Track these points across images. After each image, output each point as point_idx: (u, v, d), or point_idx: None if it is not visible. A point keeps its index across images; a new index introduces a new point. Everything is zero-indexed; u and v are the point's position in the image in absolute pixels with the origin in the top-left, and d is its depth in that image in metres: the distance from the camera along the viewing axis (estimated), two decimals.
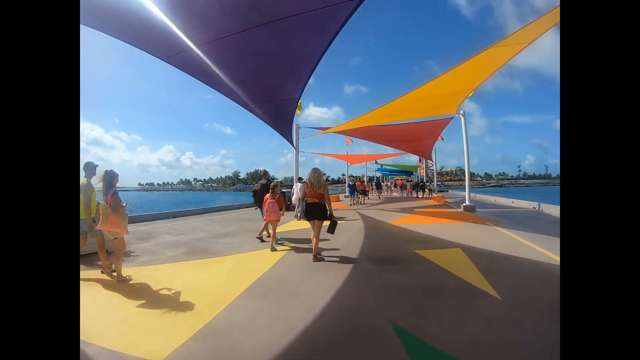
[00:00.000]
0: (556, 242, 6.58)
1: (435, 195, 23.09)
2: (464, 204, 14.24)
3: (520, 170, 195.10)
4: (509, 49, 6.18)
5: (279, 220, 6.80)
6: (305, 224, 7.51)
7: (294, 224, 10.04)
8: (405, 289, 3.99)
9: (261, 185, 8.16)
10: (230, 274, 4.81)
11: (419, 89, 7.68)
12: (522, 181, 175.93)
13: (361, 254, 5.92)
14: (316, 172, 5.60)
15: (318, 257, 5.46)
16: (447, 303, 3.56)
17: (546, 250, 5.82)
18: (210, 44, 5.71)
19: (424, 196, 27.75)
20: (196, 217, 12.90)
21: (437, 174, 35.89)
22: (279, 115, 9.87)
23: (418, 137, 18.32)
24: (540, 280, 4.24)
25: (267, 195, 6.85)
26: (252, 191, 8.58)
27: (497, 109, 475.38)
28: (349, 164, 29.70)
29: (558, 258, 5.25)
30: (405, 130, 16.11)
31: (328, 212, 5.51)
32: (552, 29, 5.73)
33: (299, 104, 15.19)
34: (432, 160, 33.55)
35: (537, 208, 14.27)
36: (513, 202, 17.82)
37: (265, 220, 6.96)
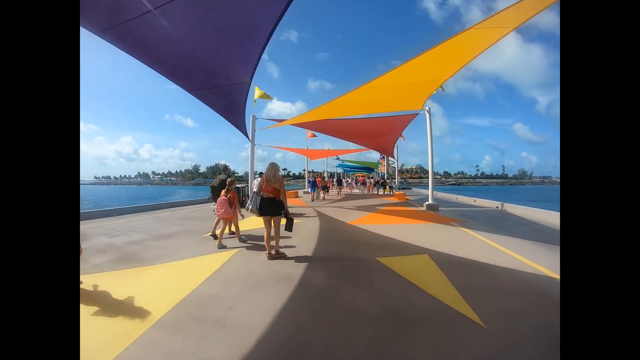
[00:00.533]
0: (530, 246, 6.10)
1: (397, 193, 22.54)
2: (427, 203, 13.67)
3: (478, 170, 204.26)
4: (482, 36, 5.47)
5: (231, 217, 6.53)
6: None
7: (253, 221, 9.26)
8: (366, 316, 3.15)
9: (220, 181, 7.98)
10: (152, 291, 3.82)
11: (384, 76, 6.89)
12: (480, 180, 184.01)
13: (314, 263, 5.02)
14: (273, 166, 5.45)
15: (280, 254, 5.42)
16: (419, 336, 2.77)
17: (522, 257, 5.25)
18: (144, 16, 4.71)
19: (385, 193, 27.14)
20: (144, 214, 11.60)
21: (398, 171, 35.89)
22: (230, 103, 8.82)
23: (381, 133, 17.59)
24: (526, 299, 3.57)
25: (222, 191, 6.65)
26: (210, 187, 8.25)
27: (458, 110, 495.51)
28: (309, 159, 28.80)
29: (537, 266, 4.72)
30: (368, 125, 15.29)
31: (283, 208, 5.34)
32: (512, 33, 5.40)
33: (262, 93, 14.26)
34: (393, 158, 33.02)
35: (500, 208, 14.01)
36: (475, 200, 17.64)
37: (217, 216, 6.64)
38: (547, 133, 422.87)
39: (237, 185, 12.70)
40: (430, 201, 13.71)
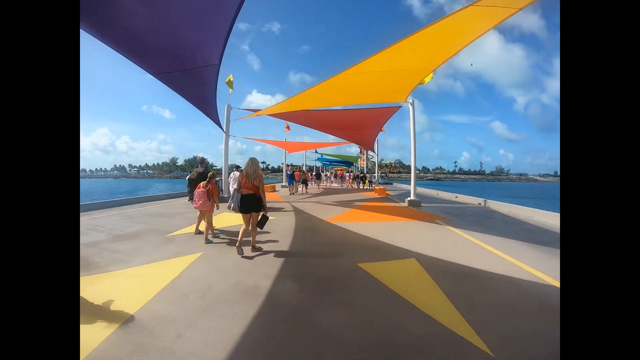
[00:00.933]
0: (523, 249, 5.67)
1: (377, 188, 21.85)
2: (409, 199, 13.17)
3: (456, 166, 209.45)
4: (483, 15, 4.84)
5: (209, 210, 6.30)
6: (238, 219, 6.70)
7: (226, 218, 8.77)
8: (348, 346, 2.53)
9: (197, 174, 7.74)
10: (90, 312, 3.07)
11: (368, 60, 6.22)
12: (458, 176, 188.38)
13: (286, 270, 4.36)
14: (253, 162, 5.39)
15: (257, 248, 5.46)
16: None
17: (519, 262, 4.78)
18: None
19: (365, 188, 26.64)
20: (110, 210, 10.53)
21: (378, 165, 35.26)
22: (199, 88, 8.09)
23: (362, 126, 16.93)
24: (535, 316, 3.06)
25: (201, 184, 6.39)
26: (187, 180, 7.99)
27: (438, 107, 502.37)
28: (287, 152, 27.84)
29: (538, 274, 4.24)
30: (349, 117, 14.66)
31: (262, 205, 5.30)
32: (495, 33, 4.86)
33: (229, 79, 13.42)
34: (374, 152, 32.00)
35: (483, 204, 13.64)
36: (457, 197, 17.30)
37: (195, 208, 6.40)
38: (524, 131, 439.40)
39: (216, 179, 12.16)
40: (412, 197, 13.18)
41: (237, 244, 5.19)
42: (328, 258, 5.05)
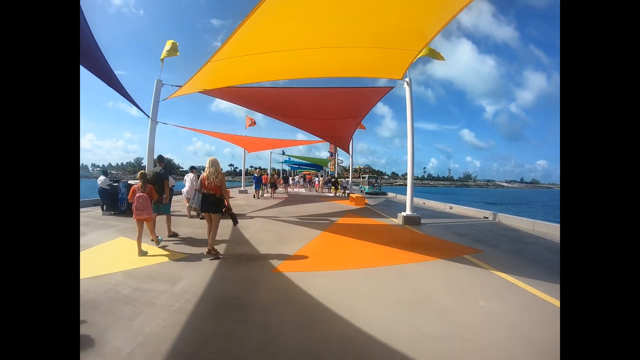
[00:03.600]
0: None
1: (353, 196, 18.02)
2: (405, 214, 9.73)
3: (425, 172, 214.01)
4: None
5: (149, 218, 5.67)
6: None
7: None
8: None
9: (154, 174, 6.79)
10: None
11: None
12: (427, 182, 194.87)
13: None
14: (213, 162, 5.41)
15: (213, 253, 5.43)
16: None
17: None
18: None
19: (337, 195, 23.30)
20: None
21: (346, 170, 31.10)
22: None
23: (340, 114, 13.13)
24: None
25: (135, 186, 5.62)
26: None
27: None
28: (246, 151, 24.08)
29: None
30: (326, 101, 11.26)
31: (225, 205, 5.47)
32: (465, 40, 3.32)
33: (170, 46, 10.15)
34: (348, 153, 27.24)
35: (491, 218, 10.96)
36: (451, 207, 14.44)
37: (136, 219, 5.53)
38: (491, 140, 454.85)
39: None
40: (408, 212, 9.79)
41: (207, 250, 5.49)
42: None
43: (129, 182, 10.38)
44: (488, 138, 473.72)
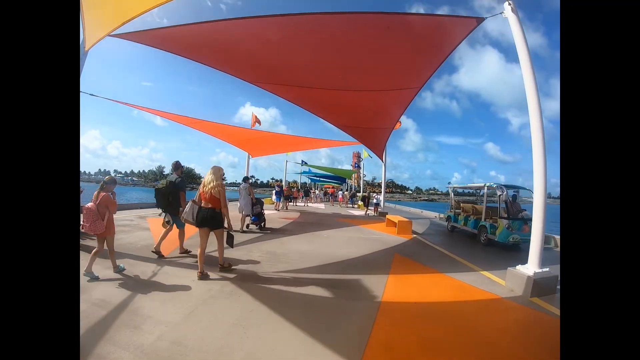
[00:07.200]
0: None
1: (394, 219, 11.59)
2: (528, 273, 4.47)
3: (450, 185, 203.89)
4: None
5: (104, 233, 4.52)
6: None
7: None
8: None
9: (168, 183, 5.93)
10: None
11: None
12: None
13: None
14: (214, 170, 4.84)
15: (226, 266, 5.09)
16: None
17: None
18: None
19: (367, 214, 18.45)
20: None
21: (369, 185, 28.07)
22: None
23: (395, 74, 7.66)
24: None
25: (96, 193, 4.64)
26: (155, 189, 6.12)
27: (432, 127, 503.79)
28: (250, 156, 20.11)
29: None
30: (373, 43, 6.21)
31: (224, 221, 4.85)
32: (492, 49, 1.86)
33: None
34: (382, 159, 20.35)
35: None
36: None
37: (87, 232, 4.48)
38: (517, 154, 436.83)
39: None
40: (534, 266, 4.53)
41: (198, 272, 4.58)
42: None
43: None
44: (514, 152, 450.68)
